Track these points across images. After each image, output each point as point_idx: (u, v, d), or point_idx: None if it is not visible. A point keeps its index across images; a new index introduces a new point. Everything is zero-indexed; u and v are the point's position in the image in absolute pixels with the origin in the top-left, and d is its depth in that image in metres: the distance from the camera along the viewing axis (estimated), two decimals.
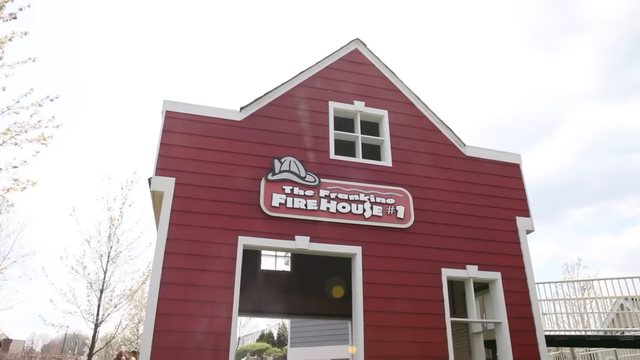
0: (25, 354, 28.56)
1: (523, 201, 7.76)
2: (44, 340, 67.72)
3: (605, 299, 15.17)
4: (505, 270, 7.12)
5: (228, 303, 5.79)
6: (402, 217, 6.83)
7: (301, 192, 6.52)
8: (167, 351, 5.45)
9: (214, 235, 6.07)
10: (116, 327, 17.71)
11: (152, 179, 6.26)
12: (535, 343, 6.85)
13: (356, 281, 6.39)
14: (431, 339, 6.34)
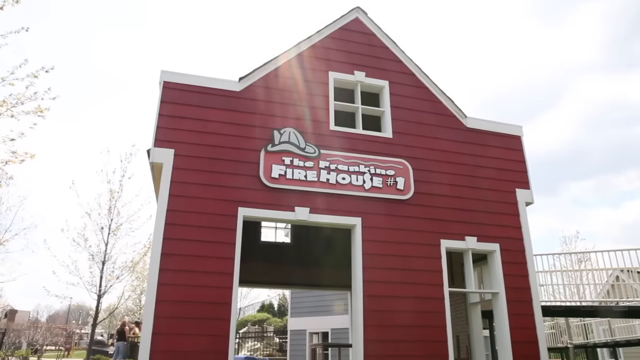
0: (31, 324, 29.04)
1: (523, 173, 7.75)
2: (48, 311, 68.89)
3: (602, 271, 15.39)
4: (504, 242, 7.17)
5: (229, 273, 5.84)
6: (401, 189, 6.83)
7: (301, 164, 6.50)
8: (169, 321, 5.52)
9: (213, 206, 6.08)
10: (119, 298, 17.95)
11: (151, 150, 6.23)
12: (532, 313, 6.94)
13: (356, 252, 6.43)
14: (430, 309, 6.42)
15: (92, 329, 15.49)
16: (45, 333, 25.09)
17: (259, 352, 27.62)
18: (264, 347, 28.49)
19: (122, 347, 19.13)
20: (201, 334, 5.56)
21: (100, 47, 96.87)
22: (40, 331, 25.05)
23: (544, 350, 6.78)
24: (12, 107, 10.01)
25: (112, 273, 14.95)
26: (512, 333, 6.71)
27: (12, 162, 10.26)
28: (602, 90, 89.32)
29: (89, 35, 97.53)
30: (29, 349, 20.94)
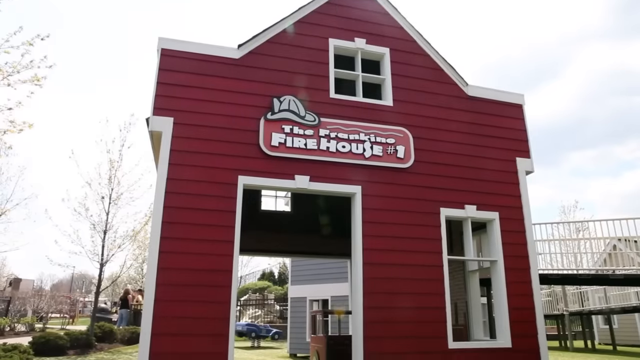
0: (35, 293, 29.49)
1: (524, 142, 7.71)
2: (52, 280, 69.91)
3: (599, 240, 15.54)
4: (503, 210, 7.19)
5: (229, 241, 5.88)
6: (402, 157, 6.81)
7: (301, 132, 6.45)
8: (171, 288, 5.59)
9: (213, 175, 6.07)
10: (121, 266, 18.16)
11: (149, 119, 6.18)
12: (529, 280, 7.02)
13: (355, 220, 6.46)
14: (428, 276, 6.50)
15: (96, 297, 15.70)
16: (50, 301, 25.52)
17: (260, 319, 28.21)
18: (265, 315, 29.08)
19: (126, 315, 19.53)
20: (203, 300, 5.63)
21: (97, 15, 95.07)
22: (44, 299, 25.47)
23: (540, 317, 6.89)
24: (9, 76, 9.89)
25: (113, 242, 15.07)
26: (509, 300, 6.81)
27: (11, 131, 10.21)
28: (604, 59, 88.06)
29: (85, 2, 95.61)
30: (34, 316, 21.34)
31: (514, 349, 6.60)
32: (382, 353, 6.00)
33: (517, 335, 6.67)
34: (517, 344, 6.63)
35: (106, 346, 14.60)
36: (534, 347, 6.72)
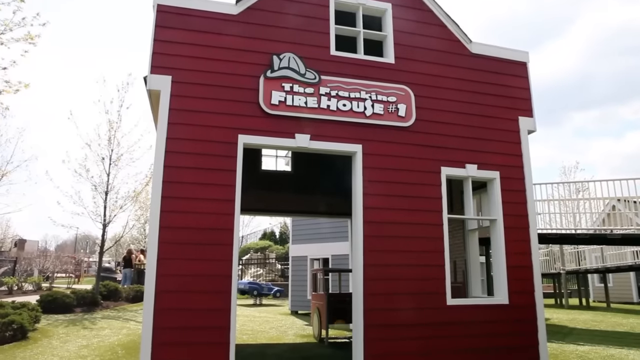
0: (41, 253, 29.95)
1: (527, 101, 7.61)
2: (56, 241, 70.88)
3: (599, 200, 15.62)
4: (504, 170, 7.18)
5: (230, 200, 5.89)
6: (403, 116, 6.73)
7: (301, 90, 6.36)
8: (173, 246, 5.64)
9: (213, 134, 6.02)
10: (123, 227, 18.36)
11: (147, 77, 6.08)
12: (528, 239, 7.09)
13: (356, 179, 6.45)
14: (428, 235, 6.55)
15: (100, 257, 15.96)
16: (55, 261, 25.95)
17: (262, 277, 28.77)
18: (267, 273, 29.65)
19: (130, 274, 19.90)
20: (205, 258, 5.70)
21: None
22: (50, 259, 25.91)
23: (537, 275, 7.00)
24: (1, 34, 9.69)
25: (115, 203, 15.19)
26: (507, 258, 6.89)
27: (7, 91, 10.09)
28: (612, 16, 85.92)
29: None
30: (41, 276, 21.74)
31: (510, 305, 6.74)
32: (382, 309, 6.12)
33: (514, 292, 6.79)
34: (514, 300, 6.76)
35: (112, 304, 14.95)
36: (531, 303, 6.85)
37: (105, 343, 9.43)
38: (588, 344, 10.15)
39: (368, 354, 5.93)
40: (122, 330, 10.91)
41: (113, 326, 11.37)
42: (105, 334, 10.31)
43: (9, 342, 8.92)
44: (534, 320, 6.79)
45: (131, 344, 9.30)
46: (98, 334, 10.34)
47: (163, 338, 5.36)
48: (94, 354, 8.49)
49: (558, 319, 14.64)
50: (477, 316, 6.56)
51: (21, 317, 9.54)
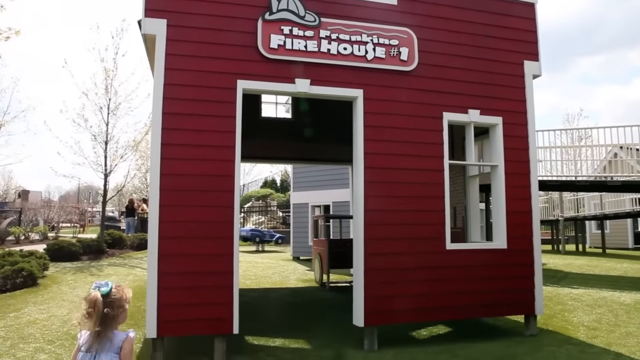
0: (45, 204, 30.23)
1: (533, 44, 7.39)
2: (59, 192, 71.46)
3: (601, 147, 15.57)
4: (507, 115, 7.08)
5: (230, 147, 5.85)
6: (405, 59, 6.56)
7: (300, 33, 6.16)
8: (175, 193, 5.66)
9: (211, 79, 5.90)
10: (125, 177, 18.44)
11: (142, 21, 5.88)
12: (528, 185, 7.10)
13: (357, 125, 6.38)
14: (429, 180, 6.56)
15: (103, 206, 16.12)
16: (59, 211, 26.24)
17: (264, 225, 29.20)
18: (268, 221, 30.07)
19: (132, 222, 20.19)
20: (206, 205, 5.74)
21: None
22: (54, 210, 26.19)
23: (536, 220, 7.06)
24: None
25: (115, 152, 15.18)
26: (507, 203, 6.93)
27: None
28: None
29: None
30: (46, 225, 22.05)
31: (509, 250, 6.84)
32: (382, 253, 6.22)
33: (512, 237, 6.87)
34: (512, 244, 6.86)
35: (117, 252, 15.25)
36: (528, 248, 6.95)
37: None
38: (582, 287, 10.42)
39: (368, 296, 6.09)
40: (129, 276, 11.19)
41: (119, 273, 11.65)
42: (112, 280, 10.57)
43: (20, 289, 9.18)
44: (531, 265, 6.92)
45: (138, 289, 9.53)
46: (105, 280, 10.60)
47: (168, 283, 5.49)
48: None
49: (554, 264, 14.95)
50: (475, 260, 6.69)
51: (30, 264, 9.76)
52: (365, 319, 6.06)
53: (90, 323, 2.56)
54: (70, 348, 5.88)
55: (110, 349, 2.59)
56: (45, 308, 7.92)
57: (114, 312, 2.62)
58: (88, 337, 2.60)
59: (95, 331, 2.58)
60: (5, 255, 10.31)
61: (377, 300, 6.12)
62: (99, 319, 2.56)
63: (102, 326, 2.58)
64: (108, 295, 2.64)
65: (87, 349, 2.58)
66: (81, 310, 2.58)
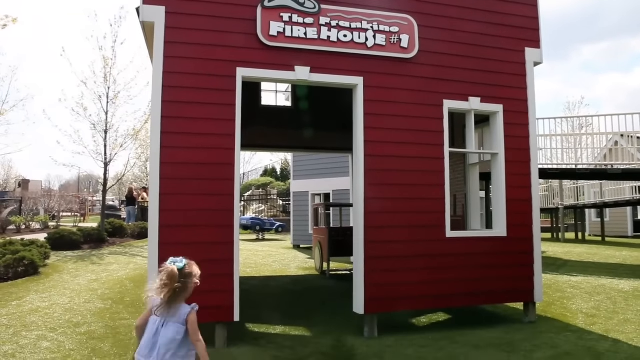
0: (45, 193, 30.27)
1: (535, 31, 7.33)
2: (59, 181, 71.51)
3: (602, 135, 15.53)
4: (508, 103, 7.05)
5: (230, 135, 5.84)
6: (406, 47, 6.52)
7: (300, 20, 6.11)
8: (175, 182, 5.66)
9: (211, 67, 5.87)
10: (125, 165, 18.41)
11: (140, 8, 5.83)
12: (528, 173, 7.09)
13: (357, 112, 6.35)
14: (429, 168, 6.55)
15: (103, 195, 16.14)
16: (60, 200, 26.28)
17: (264, 213, 29.26)
18: (269, 209, 30.12)
19: (133, 211, 20.22)
20: (206, 193, 5.74)
21: None
22: (54, 199, 26.22)
23: (536, 208, 7.07)
24: None
25: (115, 141, 15.15)
26: (507, 191, 6.93)
27: None
28: None
29: None
30: (47, 214, 22.10)
31: (508, 238, 6.86)
32: (382, 241, 6.23)
33: (512, 225, 6.88)
34: (512, 232, 6.87)
35: (118, 241, 15.30)
36: (528, 236, 6.97)
37: (114, 277, 9.74)
38: (581, 274, 10.46)
39: (368, 284, 6.11)
40: (129, 265, 11.24)
41: (120, 261, 11.70)
42: (113, 269, 10.62)
43: (22, 277, 9.22)
44: (531, 252, 6.94)
45: (138, 278, 9.61)
46: (106, 268, 10.65)
47: None
48: (104, 287, 8.79)
49: (553, 252, 15.01)
50: (475, 248, 6.70)
51: (31, 253, 9.80)
52: (366, 307, 6.09)
53: (165, 293, 2.89)
54: (72, 336, 5.92)
55: (177, 320, 2.93)
56: (47, 296, 7.96)
57: (184, 285, 2.97)
58: (159, 304, 2.93)
59: (166, 301, 2.91)
60: (7, 244, 10.35)
61: (377, 288, 6.15)
62: (172, 290, 2.90)
63: (173, 297, 2.92)
64: (182, 270, 2.98)
65: (158, 314, 2.93)
66: (158, 281, 2.92)
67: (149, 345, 2.90)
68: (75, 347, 5.49)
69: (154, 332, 2.91)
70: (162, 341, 2.89)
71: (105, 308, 7.36)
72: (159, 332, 2.91)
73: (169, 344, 2.88)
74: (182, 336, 2.93)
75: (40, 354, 5.20)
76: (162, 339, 2.89)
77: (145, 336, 2.94)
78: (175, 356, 2.89)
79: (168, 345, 2.88)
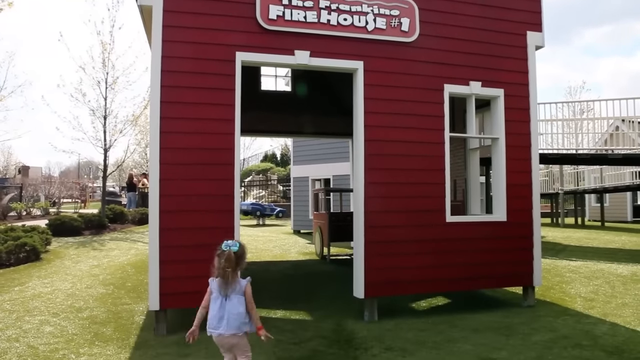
0: (46, 179, 30.26)
1: (537, 14, 7.24)
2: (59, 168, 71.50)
3: (602, 120, 15.48)
4: (509, 87, 7.01)
5: (229, 120, 5.81)
6: (406, 30, 6.45)
7: (300, 3, 6.03)
8: (175, 167, 5.66)
9: (209, 51, 5.82)
10: (125, 151, 18.37)
11: None
12: (529, 158, 7.08)
13: (357, 97, 6.31)
14: (429, 153, 6.53)
15: (103, 182, 16.14)
16: (60, 187, 26.27)
17: (264, 199, 29.32)
18: (269, 195, 30.18)
19: (133, 197, 20.25)
20: (206, 178, 5.74)
21: None
22: (55, 185, 26.22)
23: (536, 193, 7.07)
24: None
25: (115, 127, 15.11)
26: (507, 176, 6.92)
27: None
28: None
29: None
30: (47, 201, 22.11)
31: (508, 222, 6.87)
32: (382, 226, 6.25)
33: (512, 210, 6.89)
34: (512, 217, 6.88)
35: (119, 226, 15.35)
36: (528, 221, 6.98)
37: (115, 262, 9.79)
38: (580, 259, 10.51)
39: (368, 268, 6.14)
40: (131, 250, 11.29)
41: (121, 247, 11.75)
42: (114, 255, 10.67)
43: (24, 263, 9.27)
44: (530, 237, 6.95)
45: (140, 263, 9.65)
46: (108, 254, 10.70)
47: (169, 256, 5.54)
48: (106, 273, 8.84)
49: (553, 237, 15.06)
50: (475, 233, 6.72)
51: (32, 239, 9.83)
52: (366, 291, 6.13)
53: (226, 273, 3.51)
54: (75, 320, 5.97)
55: (238, 292, 3.58)
56: (49, 282, 8.01)
57: (240, 264, 3.61)
58: (220, 283, 3.56)
59: (227, 279, 3.53)
60: (8, 231, 10.38)
61: (377, 272, 6.18)
62: (232, 270, 3.53)
63: (233, 275, 3.55)
64: (237, 252, 3.58)
65: (221, 292, 3.56)
66: (219, 265, 3.54)
67: (217, 317, 3.53)
68: (78, 332, 5.54)
69: (219, 306, 3.54)
70: (228, 312, 3.52)
71: (107, 293, 7.41)
72: (224, 305, 3.53)
73: (234, 313, 3.53)
74: (243, 305, 3.57)
75: (43, 338, 5.25)
76: (228, 310, 3.53)
77: (211, 312, 3.57)
78: (239, 321, 3.54)
79: (233, 314, 3.52)
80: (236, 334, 3.55)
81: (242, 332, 3.58)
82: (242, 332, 3.58)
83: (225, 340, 3.58)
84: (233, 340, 3.58)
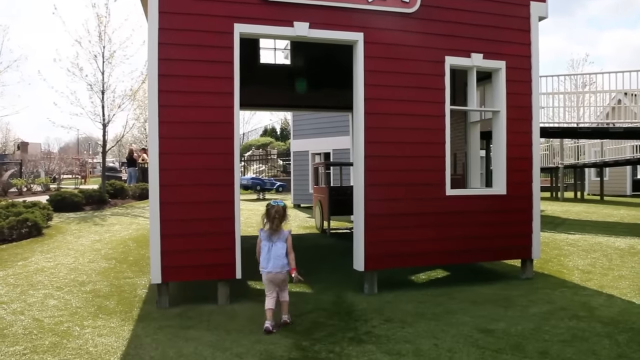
0: (45, 155, 30.18)
1: None
2: (59, 144, 71.29)
3: (605, 93, 15.35)
4: (511, 59, 6.91)
5: (228, 93, 5.75)
6: (407, 1, 6.32)
7: None
8: (174, 141, 5.63)
9: (207, 23, 5.71)
10: (124, 127, 18.29)
11: None
12: (529, 131, 7.04)
13: (357, 70, 6.23)
14: (430, 126, 6.49)
15: (103, 157, 16.11)
16: (60, 163, 26.24)
17: (264, 173, 29.33)
18: (269, 169, 30.17)
19: (134, 172, 20.25)
20: (206, 152, 5.71)
21: None
22: (54, 161, 26.18)
23: (536, 166, 7.06)
24: None
25: (113, 102, 14.99)
26: (508, 149, 6.90)
27: None
28: None
29: None
30: (48, 177, 22.12)
31: (508, 196, 6.88)
32: (382, 199, 6.25)
33: (512, 183, 6.89)
34: (512, 190, 6.89)
35: (119, 202, 15.39)
36: (527, 194, 6.99)
37: (117, 237, 9.85)
38: (578, 232, 10.57)
39: (368, 241, 6.18)
40: (132, 225, 11.35)
41: (122, 222, 11.80)
42: (115, 229, 10.73)
43: (26, 238, 9.33)
44: (530, 210, 6.98)
45: (141, 238, 9.72)
46: (109, 229, 10.76)
47: (170, 230, 5.56)
48: (107, 247, 8.90)
49: (552, 211, 15.12)
50: (475, 206, 6.73)
51: (34, 215, 9.87)
52: (366, 264, 6.18)
53: (275, 223, 4.80)
54: (78, 294, 6.04)
55: (281, 239, 4.79)
56: (52, 257, 8.07)
57: (285, 216, 4.89)
58: (268, 232, 4.82)
59: (275, 228, 4.79)
60: (9, 207, 10.41)
61: (377, 245, 6.22)
62: (279, 220, 4.81)
63: (279, 224, 4.82)
64: (284, 206, 4.92)
65: (268, 239, 4.81)
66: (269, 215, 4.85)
67: (266, 259, 4.75)
68: (82, 305, 5.61)
69: (267, 250, 4.75)
70: (274, 255, 4.72)
71: (110, 267, 7.48)
72: (271, 250, 4.73)
73: (278, 255, 4.72)
74: (284, 250, 4.74)
75: (48, 311, 5.32)
76: (273, 254, 4.72)
77: (262, 255, 4.78)
78: (281, 263, 4.72)
79: (278, 256, 4.72)
80: (281, 271, 4.72)
81: (285, 271, 4.73)
82: (285, 271, 4.73)
83: (274, 276, 4.72)
84: (280, 277, 4.75)
